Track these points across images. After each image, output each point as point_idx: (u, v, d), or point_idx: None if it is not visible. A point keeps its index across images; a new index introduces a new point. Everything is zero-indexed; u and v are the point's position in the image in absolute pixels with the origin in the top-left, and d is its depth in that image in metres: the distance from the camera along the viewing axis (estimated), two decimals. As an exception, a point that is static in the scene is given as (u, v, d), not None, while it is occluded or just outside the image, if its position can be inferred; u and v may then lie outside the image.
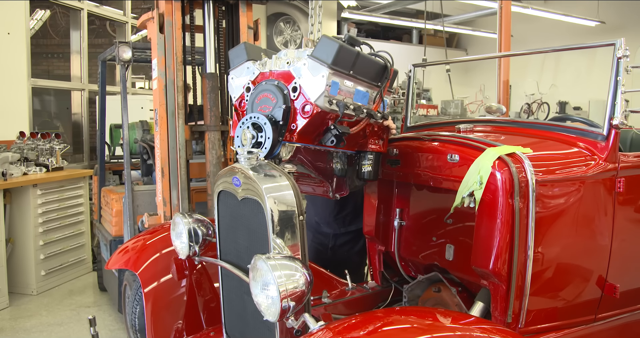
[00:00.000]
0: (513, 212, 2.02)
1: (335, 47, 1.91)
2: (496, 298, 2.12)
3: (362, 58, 2.03)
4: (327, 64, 1.92)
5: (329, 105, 1.95)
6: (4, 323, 4.20)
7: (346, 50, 1.95)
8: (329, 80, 1.93)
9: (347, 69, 1.98)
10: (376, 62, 2.11)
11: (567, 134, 2.38)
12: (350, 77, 2.01)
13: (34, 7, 9.02)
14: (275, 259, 1.62)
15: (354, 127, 2.12)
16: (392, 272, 2.87)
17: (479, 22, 12.33)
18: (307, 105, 1.97)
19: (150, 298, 2.42)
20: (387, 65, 2.12)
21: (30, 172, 4.96)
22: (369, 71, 2.08)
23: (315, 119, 1.99)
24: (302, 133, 2.02)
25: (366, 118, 2.12)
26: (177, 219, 2.32)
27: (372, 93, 2.13)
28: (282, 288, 1.56)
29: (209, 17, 3.61)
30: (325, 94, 1.93)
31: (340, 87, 1.98)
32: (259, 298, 1.64)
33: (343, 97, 2.00)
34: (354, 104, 2.05)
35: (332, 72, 1.93)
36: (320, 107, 1.95)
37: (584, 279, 2.28)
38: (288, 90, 2.01)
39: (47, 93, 9.21)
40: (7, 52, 5.36)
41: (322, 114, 1.98)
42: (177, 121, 3.51)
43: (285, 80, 2.04)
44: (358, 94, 2.06)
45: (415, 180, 2.47)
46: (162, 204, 3.54)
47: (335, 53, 1.91)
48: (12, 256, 4.81)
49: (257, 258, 1.63)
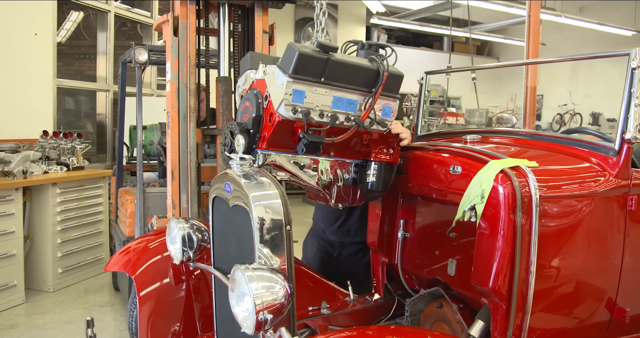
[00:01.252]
0: (515, 228, 1.93)
1: (295, 55, 1.87)
2: (496, 318, 2.03)
3: (337, 64, 1.96)
4: (287, 73, 1.88)
5: (292, 113, 1.91)
6: (19, 318, 4.25)
7: (309, 58, 1.89)
8: (289, 89, 1.88)
9: (316, 76, 1.92)
10: (361, 67, 2.03)
11: (578, 148, 2.28)
12: (324, 84, 1.95)
13: (68, 9, 9.23)
14: (253, 270, 1.57)
15: (340, 136, 2.06)
16: (396, 285, 2.80)
17: (511, 30, 12.13)
18: (273, 114, 1.95)
19: (145, 302, 2.40)
20: (379, 70, 2.04)
21: (51, 170, 5.04)
22: (351, 77, 2.01)
23: (280, 127, 1.96)
24: (272, 141, 2.00)
25: (354, 126, 2.06)
26: (172, 224, 2.30)
27: (362, 99, 2.06)
28: (257, 301, 1.51)
29: (224, 21, 3.60)
30: (286, 103, 1.89)
31: (308, 95, 1.93)
32: (236, 310, 1.60)
33: (315, 105, 1.95)
34: (331, 112, 1.99)
35: (292, 81, 1.88)
36: (282, 116, 1.92)
37: (591, 301, 2.17)
38: (262, 99, 2.00)
39: (78, 93, 9.38)
40: (34, 53, 5.47)
41: (286, 122, 1.95)
42: (188, 124, 3.50)
43: (262, 89, 2.03)
44: (338, 101, 2.00)
45: (419, 191, 2.40)
46: (171, 207, 3.53)
47: (295, 61, 1.87)
48: (30, 253, 4.89)
49: (236, 268, 1.59)
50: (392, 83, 2.07)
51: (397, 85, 2.12)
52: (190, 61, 3.50)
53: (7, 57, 5.12)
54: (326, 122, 1.99)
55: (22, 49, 5.30)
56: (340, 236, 3.13)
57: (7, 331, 3.99)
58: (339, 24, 10.95)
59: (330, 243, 3.17)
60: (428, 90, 3.07)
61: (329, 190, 2.28)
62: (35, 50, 5.48)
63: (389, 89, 2.08)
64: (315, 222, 3.30)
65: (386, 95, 2.10)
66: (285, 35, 10.09)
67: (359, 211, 3.06)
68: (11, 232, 4.40)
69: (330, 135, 2.05)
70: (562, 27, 9.95)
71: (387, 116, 2.13)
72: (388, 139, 2.31)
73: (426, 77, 3.06)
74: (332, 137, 2.05)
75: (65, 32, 9.68)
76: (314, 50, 1.91)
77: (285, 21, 10.24)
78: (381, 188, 2.33)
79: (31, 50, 5.42)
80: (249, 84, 2.18)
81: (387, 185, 2.36)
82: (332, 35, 10.86)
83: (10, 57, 5.17)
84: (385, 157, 2.31)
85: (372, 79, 2.05)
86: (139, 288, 2.42)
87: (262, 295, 1.53)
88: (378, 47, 2.16)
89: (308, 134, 1.96)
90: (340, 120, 2.02)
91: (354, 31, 11.11)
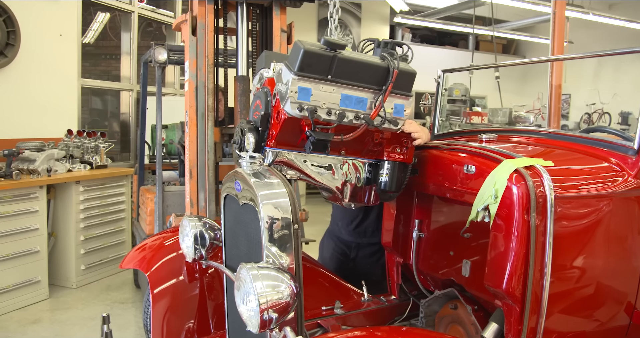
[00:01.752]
0: (529, 229, 1.89)
1: (300, 52, 1.86)
2: (510, 320, 1.99)
3: (344, 61, 1.94)
4: (293, 71, 1.87)
5: (298, 111, 1.90)
6: (43, 314, 4.33)
7: (315, 55, 1.88)
8: (294, 86, 1.87)
9: (322, 73, 1.91)
10: (370, 65, 2.01)
11: (597, 147, 2.22)
12: (331, 81, 1.94)
13: (95, 10, 9.38)
14: (259, 269, 1.56)
15: (349, 134, 2.04)
16: (411, 285, 2.77)
17: (538, 28, 11.94)
18: (279, 111, 1.95)
19: (159, 299, 2.41)
20: (389, 68, 2.01)
21: (75, 169, 5.12)
22: (360, 74, 1.99)
23: (287, 125, 1.95)
24: (280, 139, 2.00)
25: (363, 124, 2.04)
26: (185, 222, 2.30)
27: (372, 97, 2.04)
28: (262, 300, 1.50)
29: (242, 20, 3.61)
30: (292, 101, 1.88)
31: (315, 92, 1.91)
32: (241, 308, 1.60)
33: (322, 103, 1.93)
34: (339, 109, 1.97)
35: (297, 78, 1.87)
36: (288, 114, 1.91)
37: (609, 304, 2.12)
38: (271, 97, 2.00)
39: (104, 93, 9.53)
40: (59, 53, 5.57)
41: (293, 120, 1.94)
42: (206, 123, 3.52)
43: (272, 87, 2.02)
44: (347, 99, 1.98)
45: (433, 191, 2.37)
46: (189, 205, 3.56)
47: (300, 58, 1.86)
48: (54, 249, 4.98)
49: (242, 266, 1.58)
50: (403, 81, 2.04)
51: (410, 83, 2.09)
52: (208, 60, 3.52)
53: (33, 57, 5.22)
54: (333, 120, 1.97)
55: (47, 50, 5.40)
56: (356, 237, 3.11)
57: (31, 326, 4.07)
58: (362, 23, 10.91)
59: (347, 244, 3.15)
60: (445, 89, 3.02)
61: (341, 190, 2.26)
62: (61, 50, 5.58)
63: (400, 86, 2.05)
64: (332, 221, 3.28)
65: (398, 93, 2.07)
66: (308, 35, 10.08)
67: (375, 212, 3.03)
68: (35, 229, 4.49)
69: (340, 134, 2.03)
70: (591, 25, 9.75)
71: (399, 114, 2.10)
72: (401, 138, 2.28)
73: (443, 75, 3.02)
74: (341, 135, 2.03)
75: (93, 33, 9.85)
76: (321, 47, 1.90)
77: (309, 21, 10.24)
78: (394, 189, 2.30)
79: (56, 50, 5.52)
80: (262, 83, 2.18)
81: (401, 186, 2.32)
82: (355, 35, 10.82)
83: (36, 58, 5.27)
84: (399, 157, 2.28)
85: (383, 77, 2.02)
86: (153, 285, 2.43)
87: (266, 293, 1.52)
88: (395, 44, 2.13)
89: (315, 132, 1.94)
90: (348, 118, 2.01)
91: (377, 30, 11.05)
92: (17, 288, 4.38)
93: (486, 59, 11.13)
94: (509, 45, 14.14)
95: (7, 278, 4.29)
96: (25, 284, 4.43)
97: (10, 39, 4.95)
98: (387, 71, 2.01)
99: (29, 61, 5.18)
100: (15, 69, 5.06)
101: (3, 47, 4.90)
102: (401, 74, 2.02)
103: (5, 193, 4.24)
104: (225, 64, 3.71)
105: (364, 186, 2.33)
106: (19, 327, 4.04)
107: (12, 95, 5.06)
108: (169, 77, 7.51)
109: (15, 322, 4.14)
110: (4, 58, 4.91)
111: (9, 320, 4.16)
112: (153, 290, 2.42)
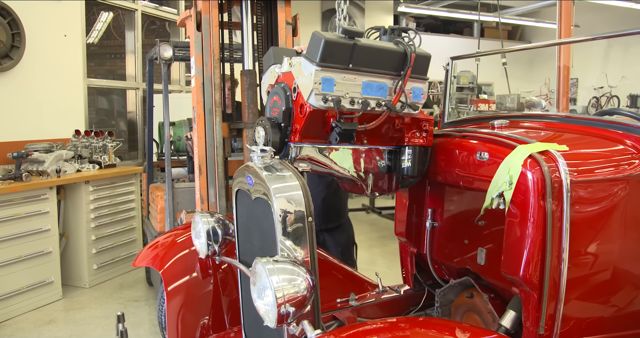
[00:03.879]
0: (545, 215, 1.86)
1: (321, 42, 1.83)
2: (527, 307, 1.97)
3: (364, 49, 1.92)
4: (315, 62, 1.84)
5: (323, 103, 1.87)
6: (57, 314, 4.35)
7: (336, 44, 1.86)
8: (317, 78, 1.85)
9: (343, 63, 1.88)
10: (387, 51, 1.98)
11: (612, 130, 2.19)
12: (352, 70, 1.91)
13: (98, 10, 9.38)
14: (274, 263, 1.55)
15: (372, 122, 2.02)
16: (425, 275, 2.75)
17: (543, 12, 11.81)
18: (303, 105, 1.92)
19: (173, 296, 2.41)
20: (406, 52, 1.99)
21: (84, 169, 5.13)
22: (379, 61, 1.97)
23: (312, 118, 1.92)
24: (304, 133, 1.97)
25: (386, 111, 2.01)
26: (197, 218, 2.29)
27: (391, 83, 2.02)
28: (279, 294, 1.49)
29: (247, 14, 3.58)
30: (316, 92, 1.85)
31: (337, 82, 1.89)
32: (257, 303, 1.58)
33: (345, 93, 1.91)
34: (362, 98, 1.95)
35: (320, 69, 1.84)
36: (313, 106, 1.89)
37: (628, 289, 2.09)
38: (290, 92, 1.97)
39: (110, 93, 9.55)
40: (65, 54, 5.56)
41: (318, 112, 1.92)
42: (214, 118, 3.51)
43: (289, 81, 2.00)
44: (368, 87, 1.96)
45: (446, 179, 2.34)
46: (199, 202, 3.55)
47: (322, 49, 1.83)
48: (66, 250, 5.00)
49: (257, 261, 1.57)
50: (420, 64, 2.03)
51: (425, 66, 2.07)
52: (214, 56, 3.50)
53: (38, 59, 5.22)
54: (357, 108, 1.95)
55: (52, 51, 5.39)
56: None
57: (46, 326, 4.09)
58: (366, 13, 10.84)
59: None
60: (455, 76, 2.99)
61: (364, 180, 2.24)
62: (66, 51, 5.57)
63: (417, 70, 2.03)
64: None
65: (415, 77, 2.05)
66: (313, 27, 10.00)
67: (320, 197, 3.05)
68: (47, 230, 4.50)
69: (363, 123, 2.01)
70: (597, 8, 9.64)
71: (418, 98, 2.08)
72: (420, 122, 2.25)
73: (452, 62, 2.98)
74: (364, 124, 2.01)
75: (97, 33, 9.85)
76: (339, 36, 1.88)
77: (312, 13, 10.19)
78: (417, 173, 2.28)
79: (61, 51, 5.51)
80: (274, 79, 2.16)
81: (422, 170, 2.31)
82: (359, 25, 10.75)
83: (42, 59, 5.27)
84: (419, 141, 2.26)
85: (400, 62, 2.00)
86: (167, 283, 2.43)
87: (283, 288, 1.51)
88: (401, 31, 2.11)
89: (341, 123, 1.92)
90: (371, 106, 1.98)
91: (381, 20, 10.97)
92: (31, 290, 4.39)
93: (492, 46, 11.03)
94: (514, 32, 14.02)
95: (20, 280, 4.31)
96: (38, 285, 4.45)
97: (16, 41, 4.95)
98: (404, 56, 1.99)
99: (34, 63, 5.18)
100: (21, 71, 5.06)
101: (9, 50, 4.89)
102: (417, 57, 2.00)
103: (16, 195, 4.25)
104: (231, 58, 3.69)
105: (385, 174, 2.31)
106: (34, 328, 4.06)
107: (19, 97, 5.07)
108: (174, 74, 7.50)
109: (31, 323, 4.16)
110: (9, 60, 4.91)
111: (24, 321, 4.18)
112: (167, 288, 2.42)
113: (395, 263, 3.12)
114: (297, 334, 1.61)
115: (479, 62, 6.82)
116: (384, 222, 7.79)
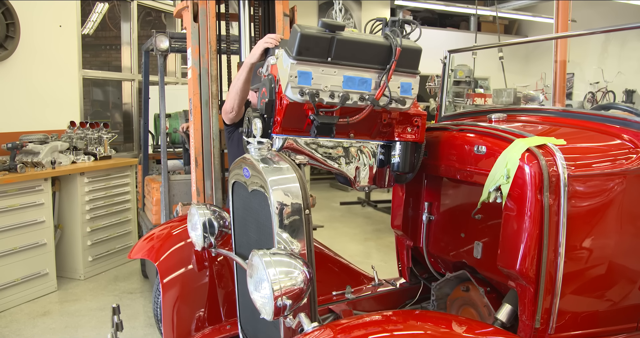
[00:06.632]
0: (542, 209, 1.86)
1: (297, 36, 1.83)
2: (523, 301, 1.97)
3: (344, 42, 1.90)
4: (291, 55, 1.84)
5: (300, 96, 1.88)
6: (52, 306, 4.34)
7: (313, 38, 1.85)
8: (293, 71, 1.85)
9: (322, 56, 1.88)
10: (371, 44, 1.96)
11: (609, 124, 2.18)
12: (331, 64, 1.90)
13: (94, 1, 9.30)
14: (271, 255, 1.54)
15: (355, 116, 2.01)
16: (421, 269, 2.75)
17: (540, 7, 11.81)
18: (282, 97, 1.93)
19: (168, 288, 2.41)
20: (391, 46, 1.97)
21: (79, 160, 5.10)
22: (362, 55, 1.95)
23: (290, 111, 1.93)
24: (285, 125, 1.98)
25: (369, 105, 2.00)
26: (193, 210, 2.29)
27: (377, 77, 2.00)
28: (276, 286, 1.48)
29: (244, 5, 3.56)
30: (292, 85, 1.86)
31: (316, 76, 1.89)
32: (254, 296, 1.58)
33: (324, 86, 1.91)
34: (342, 92, 1.94)
35: (296, 63, 1.85)
36: (290, 99, 1.89)
37: (624, 284, 2.09)
38: (275, 84, 1.98)
39: (106, 84, 9.49)
40: (60, 45, 5.53)
41: (296, 105, 1.92)
42: (210, 110, 3.49)
43: (275, 74, 2.00)
44: (349, 81, 1.95)
45: (443, 173, 2.34)
46: (195, 194, 3.54)
47: (298, 42, 1.83)
48: (61, 242, 4.98)
49: (254, 253, 1.56)
50: (409, 58, 2.00)
51: (415, 60, 2.04)
52: (211, 47, 3.48)
53: (33, 49, 5.18)
54: (336, 102, 1.95)
55: (47, 41, 5.35)
56: None
57: (40, 318, 4.08)
58: (363, 7, 10.81)
59: None
60: (452, 70, 2.98)
61: (354, 173, 2.23)
62: (61, 42, 5.53)
63: (406, 64, 2.01)
64: None
65: (403, 71, 2.03)
66: (309, 19, 9.99)
67: None
68: (41, 221, 4.48)
69: (345, 116, 2.00)
70: (594, 3, 9.64)
71: (407, 93, 2.06)
72: (412, 118, 2.24)
73: (449, 55, 2.97)
74: (347, 117, 2.00)
75: (92, 24, 9.77)
76: (319, 30, 1.86)
77: (309, 5, 10.15)
78: (407, 169, 2.27)
79: (56, 42, 5.48)
80: (267, 71, 2.16)
81: (414, 166, 2.29)
82: (356, 18, 10.73)
83: (37, 50, 5.23)
84: (410, 136, 2.24)
85: (386, 56, 1.98)
86: (162, 275, 2.42)
87: (280, 280, 1.50)
88: (403, 22, 2.09)
89: (318, 116, 1.92)
90: (353, 100, 1.97)
91: (378, 13, 10.93)
92: (26, 281, 4.38)
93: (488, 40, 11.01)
94: (510, 26, 14.00)
95: (15, 271, 4.29)
96: (33, 277, 4.44)
97: (10, 32, 4.91)
98: (390, 49, 1.97)
99: (29, 53, 5.14)
100: (16, 62, 5.02)
101: (3, 40, 4.85)
102: (405, 51, 1.98)
103: (10, 186, 4.22)
104: (228, 50, 3.67)
105: (378, 169, 2.30)
106: (29, 319, 4.05)
107: (13, 88, 5.03)
108: (170, 66, 7.47)
109: (26, 314, 4.15)
110: (4, 51, 4.87)
111: (19, 313, 4.17)
112: (163, 280, 2.41)
113: (391, 256, 3.12)
114: (293, 327, 1.61)
115: (476, 56, 6.80)
116: (379, 216, 7.79)
